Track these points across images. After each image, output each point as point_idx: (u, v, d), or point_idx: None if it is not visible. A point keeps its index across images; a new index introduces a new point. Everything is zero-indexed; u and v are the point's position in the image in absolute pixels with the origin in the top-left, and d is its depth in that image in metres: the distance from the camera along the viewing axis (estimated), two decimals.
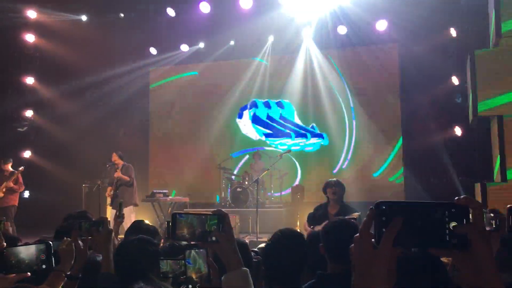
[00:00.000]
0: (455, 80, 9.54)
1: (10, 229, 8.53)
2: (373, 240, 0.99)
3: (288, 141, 12.10)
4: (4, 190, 9.03)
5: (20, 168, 9.26)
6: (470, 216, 0.95)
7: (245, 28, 10.88)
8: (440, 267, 2.13)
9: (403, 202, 1.00)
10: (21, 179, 9.25)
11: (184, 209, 9.86)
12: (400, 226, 0.96)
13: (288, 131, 12.20)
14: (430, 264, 2.22)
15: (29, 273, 1.75)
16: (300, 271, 2.43)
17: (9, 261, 1.73)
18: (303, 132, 12.07)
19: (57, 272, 1.79)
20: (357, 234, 1.02)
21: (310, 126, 12.04)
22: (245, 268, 1.49)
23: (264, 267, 2.56)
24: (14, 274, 1.74)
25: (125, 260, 2.38)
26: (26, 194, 10.81)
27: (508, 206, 2.11)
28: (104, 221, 2.32)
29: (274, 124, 12.33)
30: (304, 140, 12.01)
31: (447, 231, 0.96)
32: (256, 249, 3.12)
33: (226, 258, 1.49)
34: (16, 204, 9.28)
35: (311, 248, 2.97)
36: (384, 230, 0.98)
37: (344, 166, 11.54)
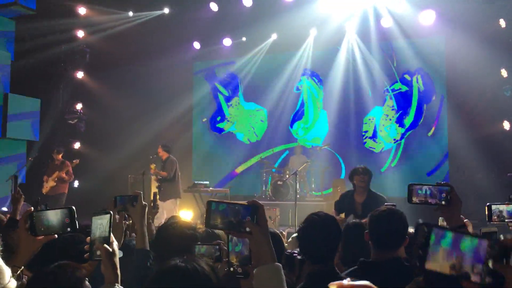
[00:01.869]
0: (504, 73, 9.19)
1: None
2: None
3: None
4: (55, 179, 9.50)
5: (75, 161, 9.73)
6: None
7: (288, 22, 10.86)
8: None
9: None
10: (71, 170, 9.69)
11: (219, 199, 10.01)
12: None
13: None
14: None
15: (56, 235, 1.85)
16: (334, 251, 2.48)
17: (37, 224, 1.85)
18: None
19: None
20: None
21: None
22: (278, 264, 1.44)
23: (300, 248, 2.61)
24: (43, 236, 1.85)
25: (163, 240, 2.50)
26: (76, 183, 11.32)
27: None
28: (139, 196, 2.41)
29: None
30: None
31: (485, 267, 0.99)
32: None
33: (258, 251, 1.45)
34: (66, 192, 9.75)
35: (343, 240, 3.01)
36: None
37: (393, 165, 11.24)
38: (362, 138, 11.66)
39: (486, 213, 2.69)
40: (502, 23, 9.09)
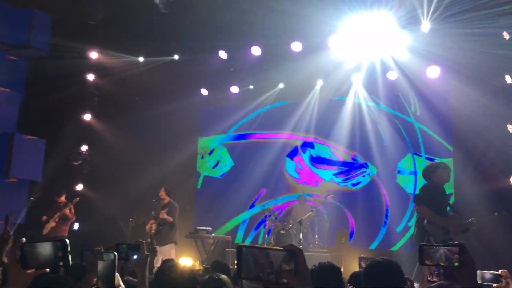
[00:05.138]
0: (511, 128, 9.18)
1: None
2: None
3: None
4: (56, 219, 9.38)
5: (75, 199, 9.66)
6: None
7: (295, 71, 11.03)
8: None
9: None
10: (73, 210, 9.59)
11: (250, 244, 9.81)
12: None
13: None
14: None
15: (48, 269, 1.72)
16: None
17: (28, 256, 1.72)
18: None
19: (82, 284, 1.78)
20: None
21: (351, 157, 11.70)
22: None
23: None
24: (33, 270, 1.72)
25: (163, 281, 2.37)
26: (76, 226, 11.13)
27: None
28: (141, 245, 2.31)
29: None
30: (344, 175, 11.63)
31: None
32: None
33: None
34: (66, 234, 9.58)
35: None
36: None
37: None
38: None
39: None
40: (508, 79, 9.16)
